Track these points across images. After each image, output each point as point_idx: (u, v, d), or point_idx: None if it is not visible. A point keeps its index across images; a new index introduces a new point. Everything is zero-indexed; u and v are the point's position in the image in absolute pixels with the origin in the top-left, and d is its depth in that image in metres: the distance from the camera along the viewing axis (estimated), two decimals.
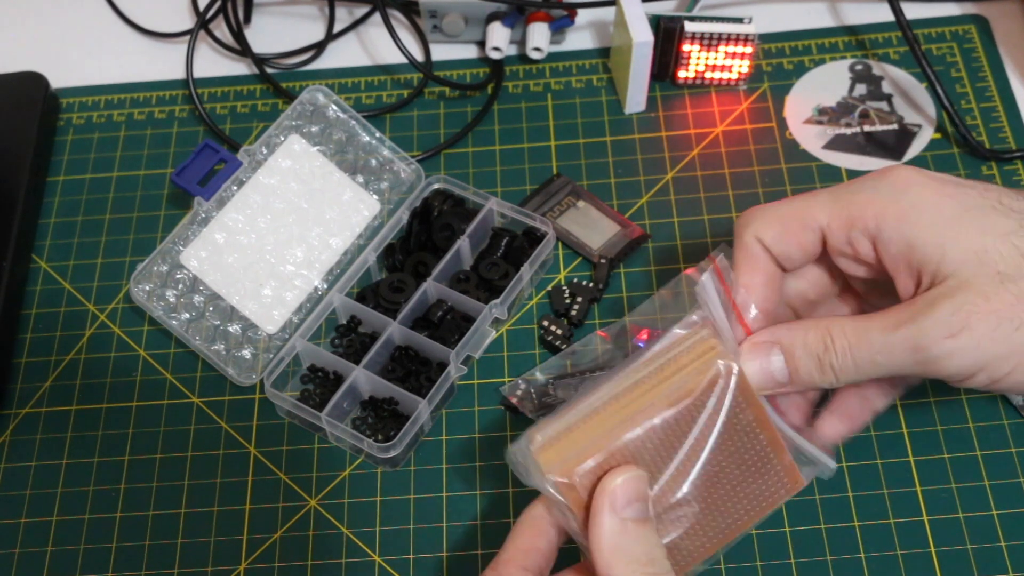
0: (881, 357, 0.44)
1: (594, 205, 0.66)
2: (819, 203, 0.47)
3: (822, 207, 0.47)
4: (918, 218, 0.45)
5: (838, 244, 0.47)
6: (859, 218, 0.46)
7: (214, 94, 0.74)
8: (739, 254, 0.48)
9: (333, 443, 0.60)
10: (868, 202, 0.46)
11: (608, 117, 0.71)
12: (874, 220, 0.45)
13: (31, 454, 0.61)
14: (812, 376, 0.46)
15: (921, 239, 0.44)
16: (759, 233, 0.48)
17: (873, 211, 0.46)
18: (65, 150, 0.72)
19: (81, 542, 0.58)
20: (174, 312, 0.62)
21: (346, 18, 0.78)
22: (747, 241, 0.48)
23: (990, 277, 0.43)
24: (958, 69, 0.71)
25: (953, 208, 0.45)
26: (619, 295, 0.63)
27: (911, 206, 0.45)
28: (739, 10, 0.75)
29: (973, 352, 0.43)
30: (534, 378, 0.59)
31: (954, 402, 0.58)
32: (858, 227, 0.46)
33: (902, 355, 0.44)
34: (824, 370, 0.46)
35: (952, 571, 0.54)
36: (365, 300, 0.62)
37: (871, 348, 0.44)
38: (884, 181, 0.46)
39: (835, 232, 0.47)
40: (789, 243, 0.47)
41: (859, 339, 0.45)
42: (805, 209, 0.47)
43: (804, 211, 0.47)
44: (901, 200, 0.45)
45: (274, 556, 0.57)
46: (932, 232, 0.44)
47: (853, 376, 0.45)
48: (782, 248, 0.48)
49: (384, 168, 0.68)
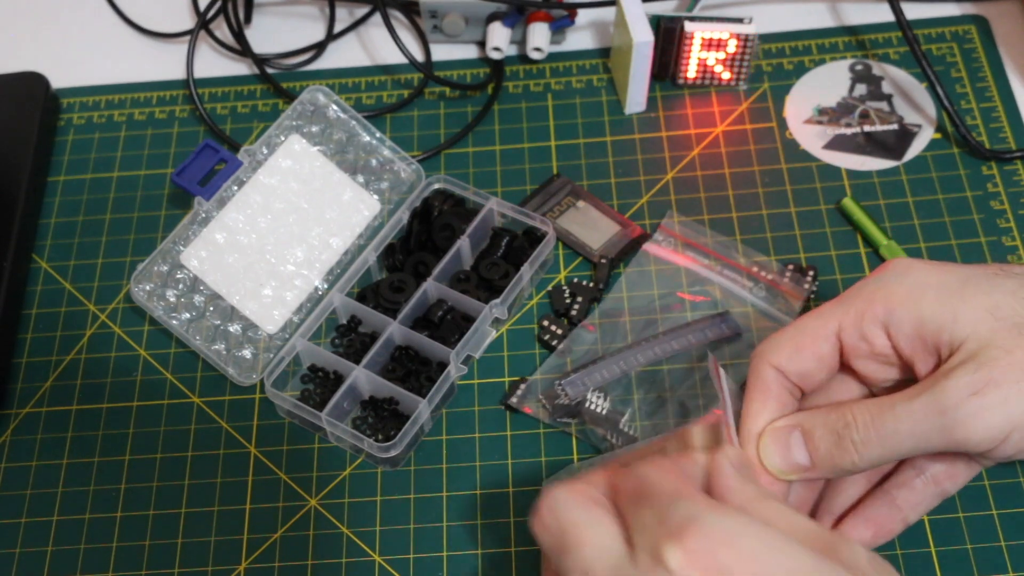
0: (904, 426, 0.43)
1: (594, 205, 0.66)
2: (828, 311, 0.47)
3: (831, 313, 0.47)
4: (924, 293, 0.45)
5: (853, 342, 0.46)
6: (868, 309, 0.46)
7: (214, 94, 0.74)
8: (751, 385, 0.48)
9: (333, 443, 0.60)
10: (874, 292, 0.46)
11: (608, 117, 0.71)
12: (883, 307, 0.45)
13: (31, 454, 0.61)
14: (832, 456, 0.45)
15: (931, 311, 0.44)
16: (772, 359, 0.47)
17: (881, 298, 0.45)
18: (65, 150, 0.73)
19: (81, 542, 0.58)
20: (174, 312, 0.62)
21: (346, 18, 0.78)
22: (760, 370, 0.47)
23: (1007, 330, 0.42)
24: (958, 69, 0.71)
25: (956, 278, 0.45)
26: (619, 295, 0.63)
27: (916, 285, 0.45)
28: (739, 10, 0.75)
29: (1002, 408, 0.42)
30: (537, 380, 0.60)
31: None
32: (868, 318, 0.46)
33: (925, 421, 0.43)
34: (844, 447, 0.44)
35: (952, 571, 0.54)
36: (365, 300, 0.62)
37: (894, 418, 0.43)
38: (885, 272, 0.47)
39: (848, 331, 0.46)
40: (805, 358, 0.47)
41: (881, 412, 0.44)
42: (815, 319, 0.47)
43: (814, 321, 0.47)
44: (905, 282, 0.45)
45: (274, 556, 0.57)
46: (940, 302, 0.44)
47: (877, 452, 0.44)
48: (799, 365, 0.47)
49: (384, 168, 0.68)
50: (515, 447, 0.59)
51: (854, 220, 0.64)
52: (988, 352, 0.42)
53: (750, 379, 0.48)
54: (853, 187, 0.66)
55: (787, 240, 0.64)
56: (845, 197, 0.65)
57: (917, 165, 0.67)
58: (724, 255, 0.63)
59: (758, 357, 0.48)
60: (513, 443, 0.59)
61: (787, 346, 0.47)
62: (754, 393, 0.47)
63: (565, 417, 0.58)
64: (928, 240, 0.63)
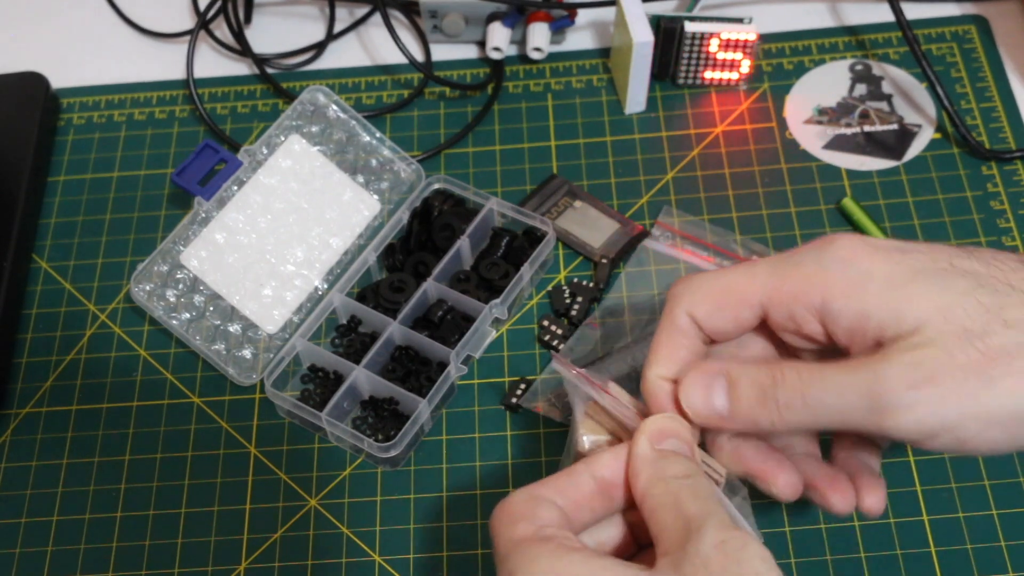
0: (831, 399, 0.41)
1: (592, 204, 0.66)
2: (758, 279, 0.44)
3: (762, 283, 0.44)
4: (868, 287, 0.42)
5: (780, 320, 0.44)
6: (802, 294, 0.43)
7: (214, 94, 0.74)
8: (664, 329, 0.46)
9: (333, 443, 0.60)
10: (811, 276, 0.43)
11: (608, 117, 0.71)
12: (819, 296, 0.42)
13: (31, 454, 0.61)
14: (753, 410, 0.42)
15: (875, 307, 0.41)
16: (691, 309, 0.45)
17: (818, 286, 0.43)
18: (65, 150, 0.73)
19: (81, 542, 0.58)
20: (174, 312, 0.62)
21: (346, 18, 0.78)
22: (676, 317, 0.45)
23: (955, 335, 0.40)
24: (958, 69, 0.71)
25: (904, 273, 0.42)
26: (619, 295, 0.63)
27: (860, 276, 0.42)
28: (739, 10, 0.75)
29: (936, 408, 0.40)
30: (544, 380, 0.60)
31: None
32: (801, 303, 0.43)
33: (855, 400, 0.40)
34: (767, 404, 0.42)
35: (952, 571, 0.54)
36: (365, 300, 0.62)
37: (823, 388, 0.41)
38: (827, 253, 0.43)
39: (776, 308, 0.44)
40: (725, 318, 0.45)
41: (812, 378, 0.42)
42: (743, 284, 0.44)
43: (742, 286, 0.44)
44: (848, 272, 0.42)
45: (274, 556, 0.57)
46: (886, 299, 0.41)
47: (798, 417, 0.42)
48: (716, 323, 0.45)
49: (384, 168, 0.68)
50: (515, 447, 0.59)
51: (854, 220, 0.64)
52: (932, 351, 0.40)
53: (663, 321, 0.46)
54: (853, 187, 0.66)
55: (787, 240, 0.64)
56: (845, 197, 0.65)
57: (917, 165, 0.67)
58: (723, 247, 0.63)
59: (675, 301, 0.45)
60: (513, 443, 0.59)
61: (708, 302, 0.45)
62: (664, 337, 0.45)
63: None
64: (928, 240, 0.63)
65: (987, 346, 0.39)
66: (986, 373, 0.39)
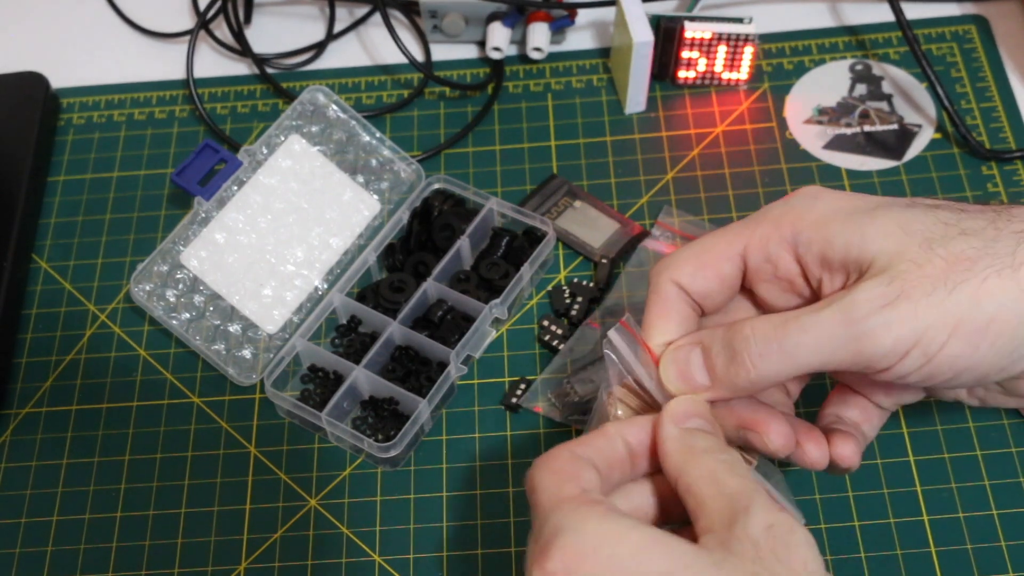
0: (808, 338, 0.41)
1: (592, 204, 0.66)
2: (733, 230, 0.45)
3: (737, 233, 0.45)
4: (834, 216, 0.43)
5: (757, 264, 0.45)
6: (775, 232, 0.44)
7: (214, 94, 0.74)
8: (652, 302, 0.46)
9: (333, 443, 0.60)
10: (782, 215, 0.44)
11: (608, 117, 0.71)
12: (791, 229, 0.44)
13: (31, 454, 0.61)
14: (728, 373, 0.43)
15: (840, 230, 0.43)
16: (674, 275, 0.45)
17: (788, 221, 0.44)
18: (65, 150, 0.73)
19: (81, 542, 0.58)
20: (174, 312, 0.62)
21: (346, 18, 0.78)
22: (661, 285, 0.46)
23: (918, 244, 0.41)
24: (958, 69, 0.71)
25: (867, 204, 0.43)
26: (619, 295, 0.63)
27: (826, 209, 0.44)
28: (739, 10, 0.75)
29: (911, 320, 0.40)
30: (545, 380, 0.60)
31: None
32: (775, 240, 0.44)
33: (832, 332, 0.41)
34: (740, 362, 0.42)
35: (952, 571, 0.54)
36: (365, 300, 0.62)
37: (799, 329, 0.41)
38: (795, 196, 0.45)
39: (754, 252, 0.45)
40: (707, 277, 0.45)
41: (785, 323, 0.42)
42: (720, 240, 0.45)
43: (719, 240, 0.45)
44: (815, 207, 0.44)
45: (274, 556, 0.57)
46: (850, 223, 0.43)
47: (775, 366, 0.42)
48: (700, 284, 0.45)
49: (384, 168, 0.68)
50: (515, 447, 0.59)
51: None
52: (899, 266, 0.41)
53: (651, 295, 0.46)
54: (853, 187, 0.66)
55: None
56: None
57: (917, 165, 0.67)
58: None
59: (659, 272, 0.46)
60: (513, 443, 0.59)
61: (690, 263, 0.45)
62: (654, 308, 0.46)
63: (576, 415, 0.58)
64: None
65: (948, 252, 0.41)
66: (949, 279, 0.40)
